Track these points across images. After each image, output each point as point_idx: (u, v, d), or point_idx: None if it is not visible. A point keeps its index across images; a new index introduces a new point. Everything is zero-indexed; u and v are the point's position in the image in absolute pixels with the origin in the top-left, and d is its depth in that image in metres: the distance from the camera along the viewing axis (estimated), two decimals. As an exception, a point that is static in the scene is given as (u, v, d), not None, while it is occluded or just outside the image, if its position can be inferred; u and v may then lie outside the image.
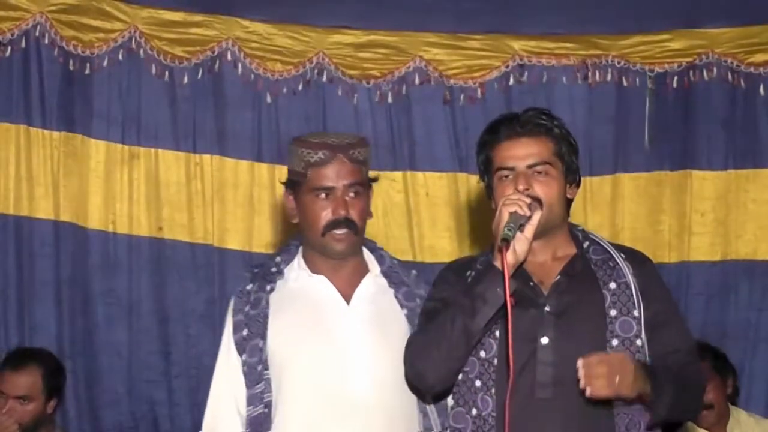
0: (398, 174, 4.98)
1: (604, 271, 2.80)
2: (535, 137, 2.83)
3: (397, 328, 3.02)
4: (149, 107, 4.84)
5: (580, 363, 2.59)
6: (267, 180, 4.84)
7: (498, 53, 4.96)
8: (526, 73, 4.96)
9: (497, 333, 2.71)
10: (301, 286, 3.02)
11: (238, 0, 4.90)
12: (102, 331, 4.71)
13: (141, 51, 4.81)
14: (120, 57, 4.80)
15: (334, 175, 2.96)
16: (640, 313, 2.75)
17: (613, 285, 2.78)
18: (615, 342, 2.72)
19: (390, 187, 4.98)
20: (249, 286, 3.02)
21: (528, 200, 2.71)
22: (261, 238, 4.83)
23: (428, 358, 2.80)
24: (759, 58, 4.92)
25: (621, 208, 4.96)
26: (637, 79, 4.94)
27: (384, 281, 3.07)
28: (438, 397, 2.92)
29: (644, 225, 4.96)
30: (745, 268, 4.93)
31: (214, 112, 4.88)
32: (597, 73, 4.96)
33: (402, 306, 3.06)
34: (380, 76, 4.95)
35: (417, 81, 4.95)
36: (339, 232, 2.97)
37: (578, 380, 2.65)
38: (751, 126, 4.95)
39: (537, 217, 2.72)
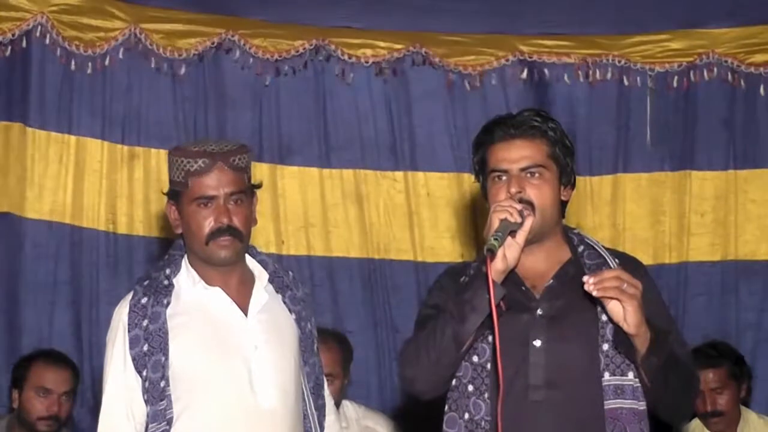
0: (399, 174, 4.99)
1: None
2: (529, 139, 2.81)
3: (290, 333, 3.05)
4: (149, 107, 4.85)
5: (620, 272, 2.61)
6: (267, 179, 4.83)
7: (499, 51, 4.96)
8: (526, 71, 4.97)
9: (490, 338, 2.70)
10: (197, 299, 2.98)
11: (237, 0, 4.92)
12: (104, 332, 4.69)
13: (141, 47, 4.81)
14: (120, 55, 4.81)
15: (214, 183, 2.91)
16: None
17: None
18: (605, 346, 2.71)
19: (391, 187, 4.99)
20: (143, 300, 2.94)
21: (519, 206, 2.70)
22: (261, 238, 4.83)
23: (418, 365, 2.78)
24: (759, 58, 4.93)
25: (622, 208, 4.96)
26: (638, 78, 4.95)
27: (271, 288, 3.06)
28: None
29: (645, 225, 4.97)
30: (744, 269, 4.94)
31: (215, 108, 4.89)
32: (598, 72, 4.96)
33: (291, 311, 3.07)
34: (379, 56, 4.94)
35: (417, 62, 4.94)
36: (222, 239, 2.94)
37: (571, 381, 2.68)
38: (752, 126, 4.96)
39: (529, 222, 2.70)
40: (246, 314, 3.00)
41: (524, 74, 4.96)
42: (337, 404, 4.16)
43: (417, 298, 4.94)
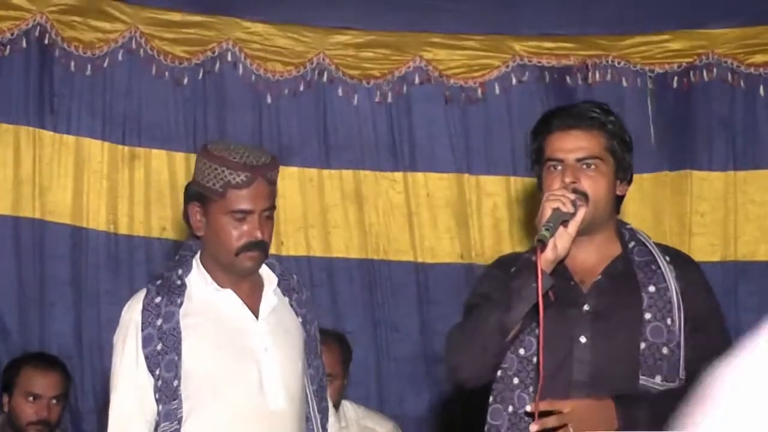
0: (398, 174, 4.98)
1: (645, 273, 2.78)
2: (587, 131, 2.80)
3: (297, 336, 3.07)
4: (150, 108, 4.84)
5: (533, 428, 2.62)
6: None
7: (498, 53, 4.96)
8: (527, 74, 4.96)
9: (537, 331, 2.68)
10: (208, 300, 2.99)
11: (238, 0, 4.91)
12: (104, 332, 4.69)
13: (141, 51, 4.81)
14: (120, 57, 4.80)
15: (253, 198, 2.91)
16: (675, 319, 2.73)
17: (652, 288, 2.76)
18: (643, 345, 2.71)
19: (390, 188, 4.98)
20: (157, 299, 2.95)
21: (572, 196, 2.68)
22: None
23: (463, 352, 2.78)
24: (759, 58, 4.92)
25: (623, 208, 4.94)
26: (638, 80, 4.95)
27: (279, 291, 3.08)
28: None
29: (645, 225, 4.92)
30: (744, 269, 4.94)
31: (215, 114, 4.88)
32: (597, 74, 4.96)
33: (297, 314, 3.09)
34: (380, 76, 4.94)
35: (417, 81, 4.95)
36: (252, 253, 2.95)
37: (613, 379, 2.69)
38: (751, 127, 4.96)
39: (582, 213, 2.68)
40: (257, 317, 3.01)
41: (525, 77, 4.95)
42: (337, 404, 4.17)
43: (416, 298, 4.96)
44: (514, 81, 4.96)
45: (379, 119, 4.96)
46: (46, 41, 4.73)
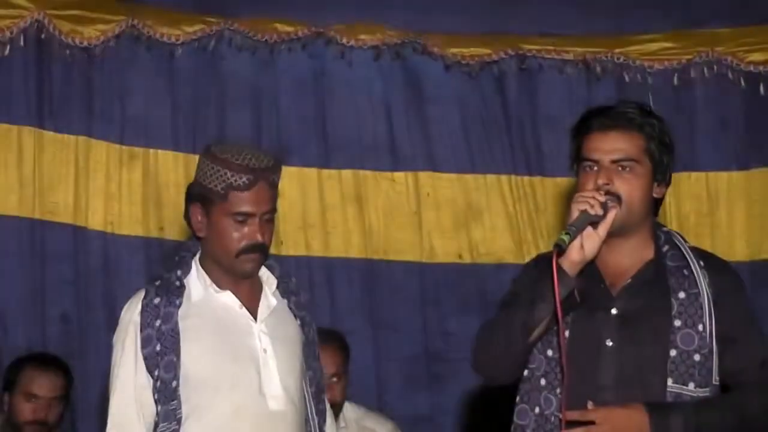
0: (399, 174, 4.97)
1: (677, 278, 2.75)
2: (625, 132, 2.77)
3: (296, 338, 3.08)
4: (149, 107, 4.83)
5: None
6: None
7: (498, 50, 4.94)
8: (526, 69, 4.95)
9: (566, 332, 2.68)
10: (207, 302, 3.00)
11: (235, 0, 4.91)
12: (102, 332, 4.68)
13: (141, 39, 4.78)
14: (119, 52, 4.78)
15: (254, 201, 2.93)
16: (707, 326, 2.72)
17: (682, 294, 2.73)
18: (673, 353, 2.69)
19: (390, 188, 4.97)
20: (156, 300, 2.95)
21: (602, 198, 2.67)
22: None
23: (489, 350, 2.78)
24: (759, 56, 4.92)
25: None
26: (638, 76, 4.94)
27: (277, 292, 3.09)
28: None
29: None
30: (746, 269, 4.91)
31: (215, 111, 4.86)
32: (597, 68, 4.95)
33: (296, 316, 3.10)
34: (377, 40, 4.92)
35: (416, 50, 4.94)
36: (252, 255, 2.96)
37: (639, 384, 2.68)
38: (751, 125, 4.96)
39: (612, 215, 2.67)
40: (255, 318, 3.01)
41: (524, 65, 4.94)
42: (341, 405, 4.17)
43: (416, 298, 4.94)
44: (513, 77, 4.95)
45: (379, 119, 4.99)
46: (45, 40, 4.71)
